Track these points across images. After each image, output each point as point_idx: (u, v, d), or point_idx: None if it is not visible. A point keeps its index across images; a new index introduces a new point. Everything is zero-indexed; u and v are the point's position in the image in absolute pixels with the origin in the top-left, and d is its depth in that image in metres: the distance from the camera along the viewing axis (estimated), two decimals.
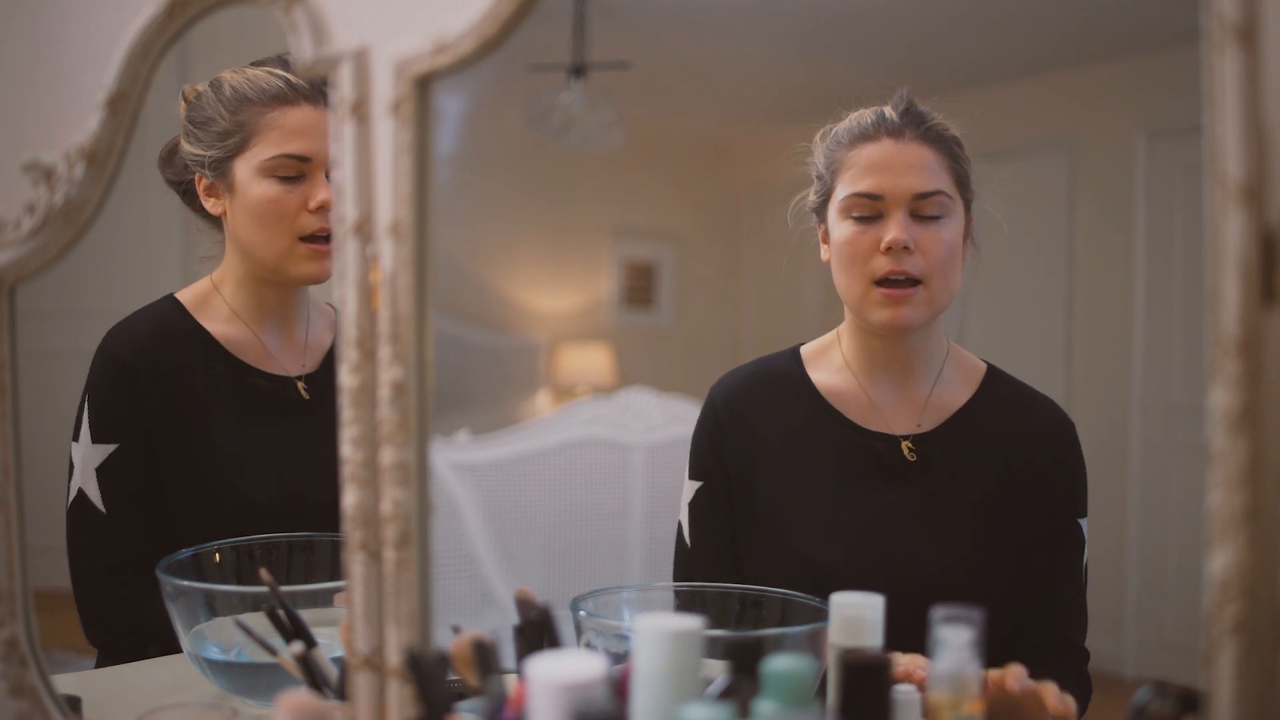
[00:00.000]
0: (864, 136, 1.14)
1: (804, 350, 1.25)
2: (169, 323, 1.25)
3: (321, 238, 1.21)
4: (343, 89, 0.70)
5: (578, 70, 3.54)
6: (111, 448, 1.18)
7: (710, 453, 1.22)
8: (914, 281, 1.10)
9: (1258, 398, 0.48)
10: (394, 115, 0.68)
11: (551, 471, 2.97)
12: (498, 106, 4.45)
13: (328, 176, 1.20)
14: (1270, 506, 0.48)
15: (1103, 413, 4.00)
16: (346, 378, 0.71)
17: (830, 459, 1.17)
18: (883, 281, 1.10)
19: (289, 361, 1.30)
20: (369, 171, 0.69)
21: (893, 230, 1.09)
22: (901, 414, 1.18)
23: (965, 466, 1.16)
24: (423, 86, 0.68)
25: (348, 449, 0.71)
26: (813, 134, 1.23)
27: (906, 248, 1.09)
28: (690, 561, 1.22)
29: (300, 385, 1.29)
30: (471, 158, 4.69)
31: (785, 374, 1.22)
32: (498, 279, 4.87)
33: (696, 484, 1.22)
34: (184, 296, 1.28)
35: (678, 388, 3.42)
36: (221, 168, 1.21)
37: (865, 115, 1.16)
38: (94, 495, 1.18)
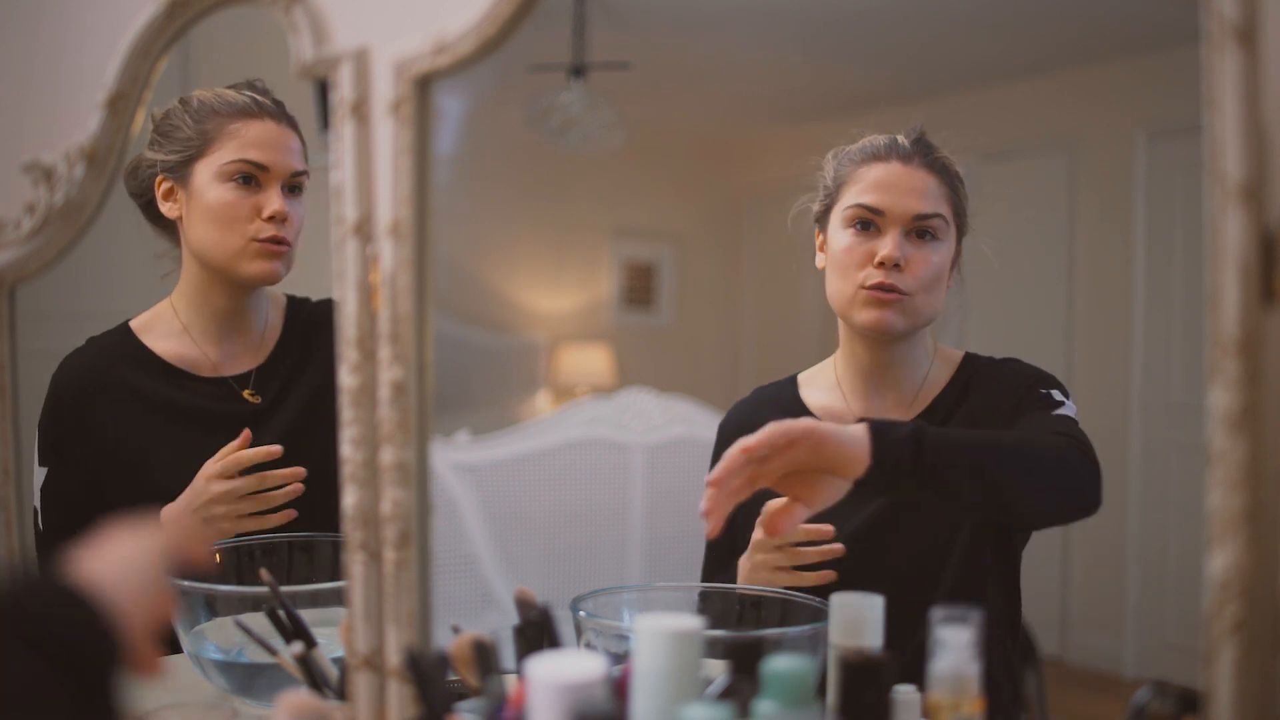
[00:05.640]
0: (875, 156, 1.20)
1: (800, 376, 1.33)
2: (111, 348, 1.28)
3: (273, 243, 1.24)
4: (343, 89, 0.70)
5: (578, 71, 3.54)
6: (44, 470, 1.22)
7: None
8: (900, 293, 1.16)
9: (1258, 398, 0.48)
10: (394, 115, 0.68)
11: (551, 471, 2.97)
12: (498, 107, 4.45)
13: (285, 190, 1.25)
14: (1270, 506, 0.48)
15: (1103, 413, 4.00)
16: (346, 378, 0.71)
17: None
18: (871, 289, 1.16)
19: (240, 365, 1.32)
20: (369, 172, 0.69)
21: (888, 247, 1.16)
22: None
23: None
24: (423, 87, 0.68)
25: (348, 449, 0.71)
26: (813, 135, 1.28)
27: (898, 265, 1.15)
28: (705, 562, 1.31)
29: (247, 392, 1.30)
30: (471, 158, 4.69)
31: (781, 398, 1.30)
32: (498, 279, 4.87)
33: None
34: (136, 321, 1.32)
35: (678, 388, 3.42)
36: (181, 171, 1.25)
37: (879, 139, 1.22)
38: (39, 513, 1.23)
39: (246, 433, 1.16)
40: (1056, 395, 1.17)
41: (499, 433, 3.00)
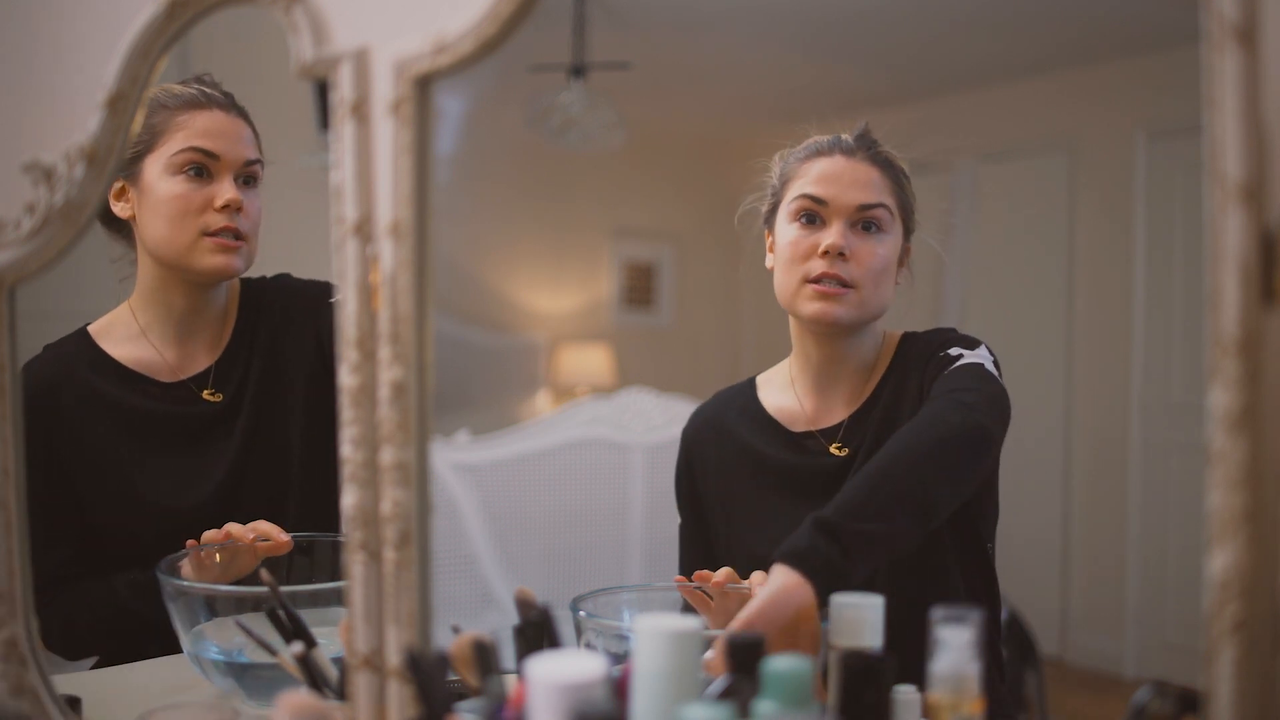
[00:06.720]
0: (819, 152, 1.22)
1: (759, 378, 1.34)
2: (69, 355, 1.26)
3: (227, 235, 1.21)
4: (343, 89, 0.70)
5: (578, 71, 3.54)
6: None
7: (683, 491, 1.34)
8: (846, 285, 1.17)
9: (1258, 398, 0.48)
10: (394, 115, 0.68)
11: (551, 472, 2.97)
12: (498, 107, 4.45)
13: (238, 181, 1.23)
14: (1270, 506, 0.48)
15: (1103, 413, 4.00)
16: (346, 378, 0.71)
17: (773, 466, 1.24)
18: (817, 280, 1.17)
19: (199, 364, 1.29)
20: (369, 172, 0.69)
21: (832, 236, 1.17)
22: (835, 413, 1.24)
23: (881, 434, 1.18)
24: (423, 87, 0.68)
25: (348, 449, 0.71)
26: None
27: (842, 254, 1.16)
28: (682, 553, 1.34)
29: (206, 392, 1.28)
30: (471, 158, 4.69)
31: (740, 400, 1.32)
32: (498, 279, 4.87)
33: (679, 519, 1.35)
34: (95, 325, 1.30)
35: (678, 388, 3.41)
36: (131, 169, 1.22)
37: (823, 137, 1.24)
38: None
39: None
40: (954, 351, 1.16)
41: (499, 433, 3.00)
